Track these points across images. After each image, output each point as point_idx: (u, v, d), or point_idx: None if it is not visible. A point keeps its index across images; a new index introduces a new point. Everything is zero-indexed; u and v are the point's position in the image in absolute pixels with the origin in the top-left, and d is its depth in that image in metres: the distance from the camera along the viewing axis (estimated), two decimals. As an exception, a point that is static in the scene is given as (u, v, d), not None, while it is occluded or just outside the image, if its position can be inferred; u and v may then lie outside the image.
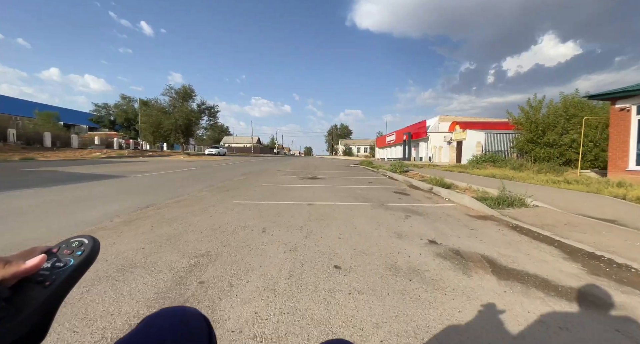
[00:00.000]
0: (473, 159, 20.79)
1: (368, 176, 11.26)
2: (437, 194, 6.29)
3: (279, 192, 6.35)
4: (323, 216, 4.10)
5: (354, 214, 4.29)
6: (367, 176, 11.23)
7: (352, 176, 10.73)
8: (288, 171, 12.54)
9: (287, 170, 13.27)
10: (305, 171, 12.77)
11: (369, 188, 7.36)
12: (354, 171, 14.08)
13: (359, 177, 10.49)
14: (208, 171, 11.64)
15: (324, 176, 10.41)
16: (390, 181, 9.50)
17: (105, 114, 47.25)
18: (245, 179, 8.96)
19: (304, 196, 5.93)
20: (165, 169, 12.23)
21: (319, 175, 10.97)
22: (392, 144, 42.63)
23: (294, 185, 7.65)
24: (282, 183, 8.02)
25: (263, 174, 10.98)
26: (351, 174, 11.69)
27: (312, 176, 10.30)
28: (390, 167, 11.73)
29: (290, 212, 4.34)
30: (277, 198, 5.53)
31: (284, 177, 9.85)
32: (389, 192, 6.71)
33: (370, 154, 73.48)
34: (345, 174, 11.63)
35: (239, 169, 13.11)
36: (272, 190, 6.62)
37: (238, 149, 73.55)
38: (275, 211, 4.36)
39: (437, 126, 30.13)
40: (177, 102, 35.74)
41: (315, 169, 14.80)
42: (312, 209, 4.60)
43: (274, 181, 8.49)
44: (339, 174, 11.56)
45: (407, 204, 5.14)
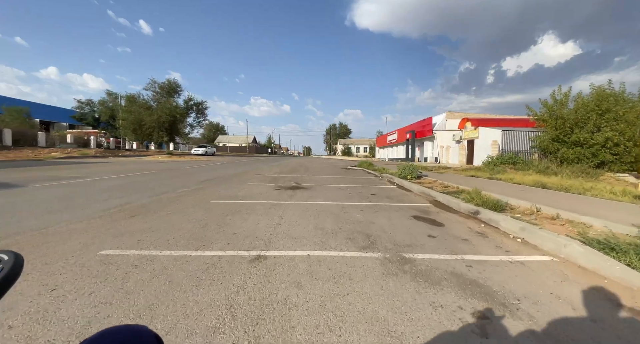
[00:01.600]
0: (489, 160, 18.24)
1: (369, 183, 8.64)
2: (491, 225, 3.67)
3: (222, 218, 3.74)
4: (266, 312, 1.49)
5: (340, 304, 1.68)
6: (368, 183, 8.61)
7: (348, 184, 8.12)
8: (268, 176, 9.93)
9: (269, 174, 10.66)
10: (290, 176, 10.16)
11: (373, 208, 4.73)
12: (352, 175, 11.48)
13: (357, 186, 7.87)
14: (164, 176, 9.02)
15: (311, 184, 7.80)
16: (401, 191, 6.90)
17: (89, 111, 44.46)
18: (199, 189, 6.35)
19: (261, 228, 3.33)
20: (111, 173, 9.59)
21: (306, 182, 8.36)
22: (394, 143, 40.02)
23: (259, 202, 5.04)
24: (244, 198, 5.40)
25: (231, 180, 8.35)
26: (348, 181, 9.07)
27: (295, 184, 7.70)
28: (399, 171, 9.16)
29: (196, 290, 1.74)
30: (202, 237, 2.92)
31: (255, 186, 7.23)
32: (405, 217, 4.09)
33: (369, 154, 70.88)
34: (339, 181, 9.01)
35: (208, 173, 10.48)
36: (215, 214, 3.99)
37: (233, 149, 70.84)
38: (156, 292, 1.73)
39: (444, 123, 27.55)
40: (162, 97, 33.12)
41: (305, 172, 12.19)
42: (253, 276, 2.01)
43: (235, 194, 5.87)
44: (332, 181, 8.94)
45: (452, 257, 2.54)
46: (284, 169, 14.27)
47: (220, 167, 14.53)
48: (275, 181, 8.56)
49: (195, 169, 12.72)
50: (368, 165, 16.71)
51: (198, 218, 3.73)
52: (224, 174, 10.23)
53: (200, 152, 32.70)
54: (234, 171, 11.71)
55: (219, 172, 11.22)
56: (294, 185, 7.59)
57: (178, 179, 8.21)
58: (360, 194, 6.25)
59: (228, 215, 3.96)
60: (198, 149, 32.91)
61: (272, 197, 5.62)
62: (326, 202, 5.19)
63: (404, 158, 33.82)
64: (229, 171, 11.67)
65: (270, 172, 11.51)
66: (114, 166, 13.06)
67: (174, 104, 31.98)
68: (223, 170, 12.32)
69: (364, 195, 6.17)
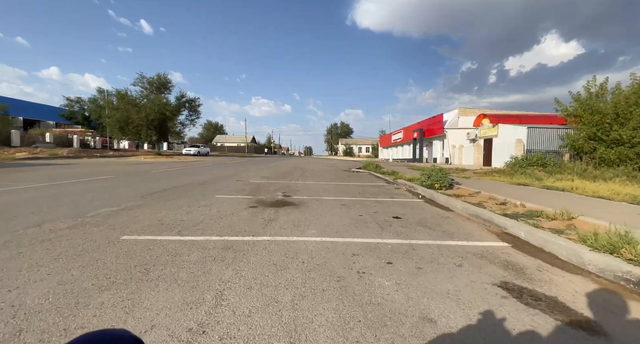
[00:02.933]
0: (512, 161, 15.94)
1: (384, 194, 6.40)
2: None
3: (76, 302, 1.44)
4: None
5: None
6: (382, 194, 6.37)
7: (355, 197, 5.89)
8: (251, 183, 7.72)
9: (253, 181, 8.45)
10: (279, 183, 7.94)
11: (408, 257, 2.46)
12: (358, 181, 9.24)
13: (368, 199, 5.66)
14: (113, 185, 6.83)
15: (304, 197, 5.58)
16: (436, 211, 4.64)
17: (79, 109, 42.40)
18: (133, 208, 4.15)
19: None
20: (46, 179, 7.39)
21: (297, 193, 6.13)
22: (399, 143, 37.71)
23: (206, 238, 2.83)
24: (187, 228, 3.17)
25: (196, 191, 6.13)
26: (354, 191, 6.84)
27: (282, 198, 5.48)
28: (422, 177, 6.88)
29: None
30: None
31: (223, 201, 5.02)
32: (487, 293, 1.82)
33: (372, 154, 68.56)
34: (343, 191, 6.78)
35: (176, 179, 8.27)
36: (76, 286, 1.71)
37: (231, 149, 68.73)
38: None
39: (456, 120, 25.25)
40: (152, 93, 30.94)
41: (300, 177, 9.96)
42: None
43: (180, 218, 3.63)
44: (333, 191, 6.70)
45: None
46: (276, 172, 12.04)
47: (201, 169, 12.31)
48: (257, 191, 6.33)
49: (168, 172, 10.51)
50: (375, 167, 14.46)
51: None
52: (196, 180, 8.01)
53: (192, 152, 30.54)
54: (212, 175, 9.49)
55: (193, 177, 9.00)
56: (280, 199, 5.36)
57: (126, 190, 5.99)
58: (377, 218, 4.01)
59: (104, 289, 1.72)
60: (190, 149, 30.75)
61: (237, 225, 3.40)
62: (323, 238, 2.95)
63: (411, 159, 31.53)
64: (206, 176, 9.46)
65: (256, 177, 9.29)
66: (71, 168, 10.88)
67: (164, 101, 29.76)
68: (200, 174, 10.10)
69: (382, 219, 3.93)
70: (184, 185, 6.96)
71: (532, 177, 9.51)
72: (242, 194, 5.86)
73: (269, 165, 17.82)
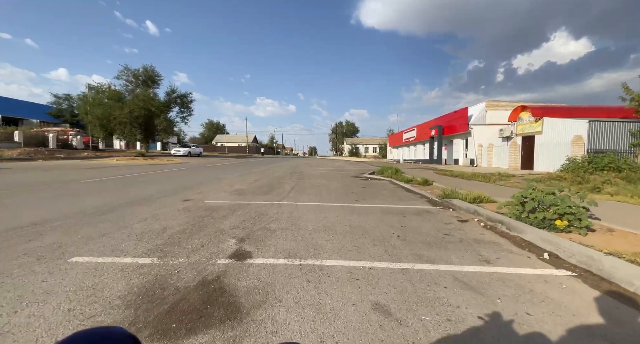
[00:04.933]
0: (568, 164, 12.41)
1: (456, 247, 3.04)
2: None
3: None
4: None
5: None
6: (452, 247, 3.03)
7: (397, 260, 2.56)
8: (197, 210, 4.45)
9: (209, 202, 5.20)
10: (250, 207, 4.65)
11: None
12: (378, 197, 5.90)
13: (434, 268, 2.37)
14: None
15: (277, 262, 2.29)
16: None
17: (68, 106, 39.79)
18: None
19: None
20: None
21: (268, 243, 2.82)
22: (412, 142, 34.09)
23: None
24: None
25: (28, 247, 2.82)
26: (384, 230, 3.52)
27: (219, 271, 2.15)
28: (513, 206, 3.51)
29: None
30: None
31: (47, 294, 1.68)
32: None
33: (379, 154, 64.87)
34: (362, 232, 3.45)
35: (83, 202, 5.03)
36: None
37: (231, 149, 65.82)
38: None
39: (483, 115, 21.61)
40: (138, 87, 28.00)
41: (292, 191, 6.65)
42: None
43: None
44: (343, 232, 3.37)
45: None
46: (263, 180, 8.74)
47: (158, 179, 9.10)
48: (185, 238, 3.03)
49: (105, 184, 7.31)
50: (394, 172, 11.08)
51: None
52: (103, 203, 4.76)
53: (182, 152, 27.47)
54: (154, 190, 6.23)
55: (116, 194, 5.77)
56: (215, 274, 2.05)
57: None
58: None
59: None
60: (179, 150, 27.70)
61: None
62: None
63: (427, 160, 27.98)
64: (142, 191, 6.21)
65: (224, 192, 6.01)
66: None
67: (151, 96, 26.78)
68: (142, 187, 6.88)
69: None
70: (52, 220, 3.69)
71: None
72: (136, 254, 2.56)
73: (260, 169, 14.53)
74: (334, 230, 3.40)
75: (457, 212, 4.55)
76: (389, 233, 3.32)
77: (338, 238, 3.10)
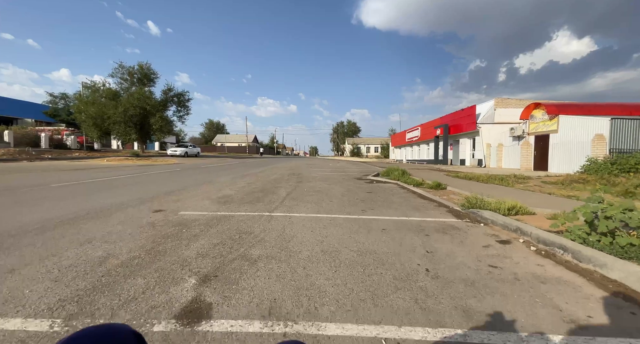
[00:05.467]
0: (589, 165, 11.49)
1: (524, 296, 2.12)
2: None
3: None
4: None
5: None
6: (519, 300, 2.08)
7: (440, 326, 1.60)
8: (165, 226, 3.58)
9: (184, 213, 4.33)
10: (233, 220, 3.77)
11: None
12: (389, 207, 5.02)
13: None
14: None
15: (248, 330, 1.35)
16: None
17: (64, 106, 39.05)
18: None
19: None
20: None
21: (243, 284, 1.91)
22: (415, 141, 33.15)
23: None
24: None
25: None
26: (405, 257, 2.63)
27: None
28: (583, 225, 2.66)
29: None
30: None
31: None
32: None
33: (381, 154, 63.89)
34: (373, 260, 2.56)
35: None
36: None
37: (231, 149, 65.08)
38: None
39: (491, 114, 20.66)
40: (133, 85, 27.20)
41: (287, 197, 5.78)
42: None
43: None
44: (350, 262, 2.48)
45: None
46: (257, 184, 7.86)
47: (141, 181, 8.24)
48: (128, 273, 2.15)
49: (74, 189, 6.46)
50: (401, 174, 10.19)
51: None
52: (70, 214, 3.90)
53: (179, 153, 26.64)
54: (128, 197, 5.36)
55: (83, 202, 4.91)
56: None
57: None
58: None
59: None
60: (175, 150, 26.86)
61: None
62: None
63: (432, 160, 27.05)
64: (123, 196, 5.35)
65: (206, 200, 5.14)
66: None
67: (146, 94, 25.95)
68: (120, 192, 6.01)
69: None
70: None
71: None
72: (34, 312, 1.67)
73: (257, 170, 13.67)
74: (338, 259, 2.51)
75: (491, 228, 3.65)
76: (413, 264, 2.42)
77: (343, 273, 2.21)
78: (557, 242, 2.69)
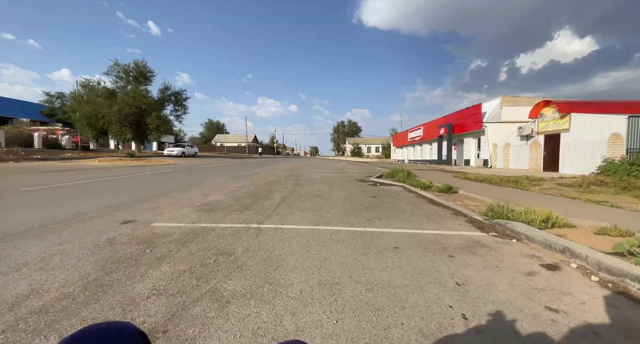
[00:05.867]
0: (605, 165, 10.83)
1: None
2: None
3: None
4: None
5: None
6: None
7: None
8: (127, 244, 2.91)
9: (159, 225, 3.70)
10: (214, 233, 3.12)
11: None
12: (398, 215, 4.36)
13: None
14: None
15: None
16: None
17: (60, 105, 38.48)
18: None
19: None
20: None
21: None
22: (418, 141, 32.45)
23: None
24: None
25: None
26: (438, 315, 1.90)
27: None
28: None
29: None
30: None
31: None
32: None
33: (383, 154, 63.18)
34: (391, 313, 1.85)
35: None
36: None
37: (231, 149, 64.47)
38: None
39: (497, 112, 19.97)
40: (129, 84, 26.58)
41: (281, 203, 5.14)
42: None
43: None
44: (357, 327, 1.80)
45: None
46: (250, 187, 7.22)
47: (127, 184, 7.62)
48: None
49: (45, 194, 5.83)
50: (406, 176, 9.54)
51: None
52: (22, 226, 3.27)
53: (175, 153, 25.98)
54: (105, 201, 4.72)
55: (45, 211, 4.28)
56: None
57: None
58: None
59: None
60: (172, 150, 26.20)
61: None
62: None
63: (435, 160, 26.38)
64: (93, 202, 4.71)
65: (190, 207, 4.49)
66: None
67: (142, 93, 25.33)
68: (92, 197, 5.38)
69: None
70: None
71: None
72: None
73: (254, 171, 13.03)
74: (340, 298, 1.86)
75: (527, 245, 2.99)
76: (443, 306, 1.77)
77: (348, 326, 1.56)
78: (631, 272, 2.04)
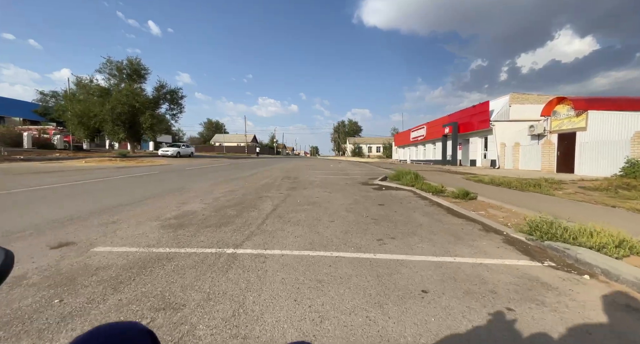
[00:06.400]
0: (629, 167, 9.95)
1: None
2: None
3: None
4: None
5: None
6: None
7: None
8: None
9: (97, 251, 2.77)
10: (178, 257, 2.22)
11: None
12: (425, 244, 3.48)
13: None
14: None
15: None
16: None
17: (55, 104, 37.64)
18: None
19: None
20: None
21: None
22: (420, 141, 31.53)
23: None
24: None
25: None
26: None
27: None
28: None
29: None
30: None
31: None
32: None
33: (384, 154, 62.25)
34: None
35: None
36: None
37: (230, 149, 63.61)
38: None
39: (506, 110, 19.05)
40: (122, 82, 25.70)
41: (271, 214, 4.25)
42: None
43: None
44: None
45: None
46: (240, 191, 6.34)
47: (98, 189, 6.75)
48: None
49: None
50: (414, 178, 8.66)
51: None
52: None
53: (170, 153, 25.11)
54: (57, 212, 3.85)
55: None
56: None
57: None
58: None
59: None
60: (167, 150, 25.33)
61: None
62: None
63: (439, 160, 25.48)
64: (40, 215, 3.84)
65: (149, 224, 3.63)
66: None
67: (136, 91, 24.47)
68: (44, 207, 4.50)
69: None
70: None
71: None
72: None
73: (247, 173, 12.15)
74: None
75: (609, 286, 2.10)
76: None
77: None
78: None
